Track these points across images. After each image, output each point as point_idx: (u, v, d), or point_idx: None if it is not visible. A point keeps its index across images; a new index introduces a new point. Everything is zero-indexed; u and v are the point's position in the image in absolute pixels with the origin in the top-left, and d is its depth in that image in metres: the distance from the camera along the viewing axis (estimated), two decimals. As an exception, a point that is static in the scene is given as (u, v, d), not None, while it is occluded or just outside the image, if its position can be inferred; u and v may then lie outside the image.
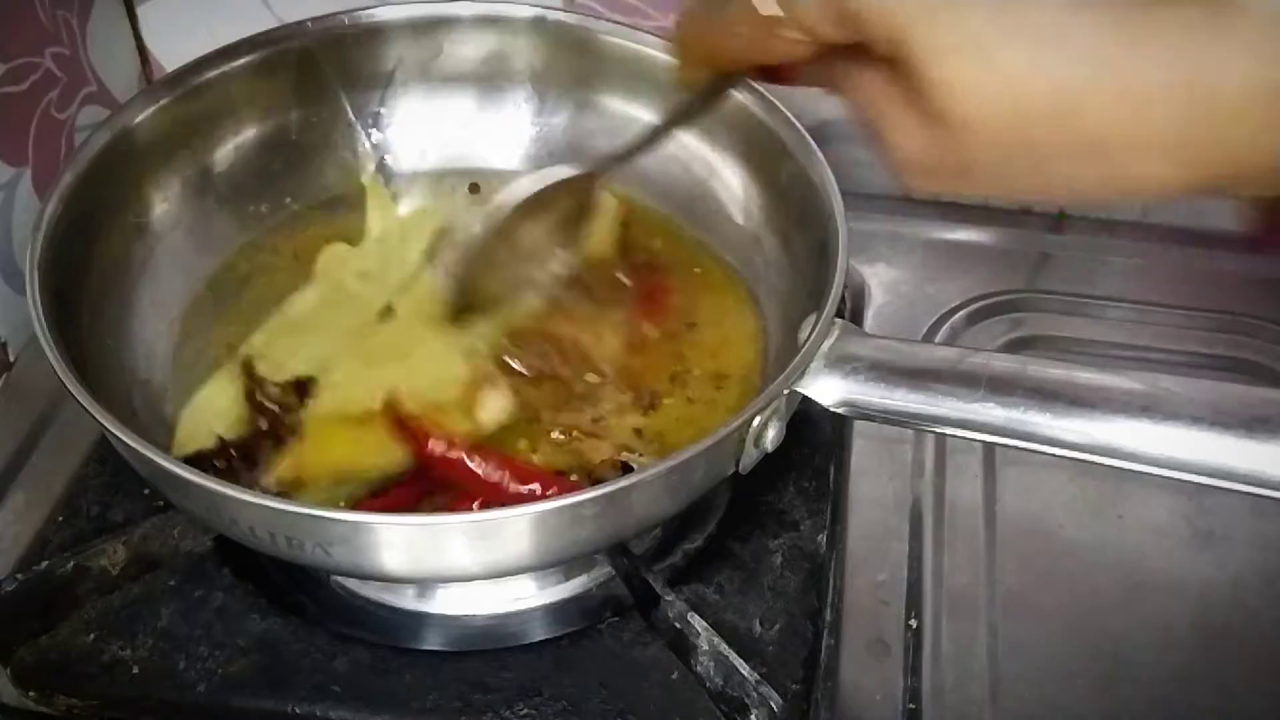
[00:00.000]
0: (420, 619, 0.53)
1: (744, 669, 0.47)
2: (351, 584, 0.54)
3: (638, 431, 0.54)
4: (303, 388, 0.53)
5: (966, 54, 0.31)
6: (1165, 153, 0.31)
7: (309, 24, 0.62)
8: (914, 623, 0.53)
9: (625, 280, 0.60)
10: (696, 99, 0.48)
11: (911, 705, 0.51)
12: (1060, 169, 0.33)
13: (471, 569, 0.45)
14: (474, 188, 0.66)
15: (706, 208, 0.63)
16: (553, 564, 0.52)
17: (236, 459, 0.51)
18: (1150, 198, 0.34)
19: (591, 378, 0.56)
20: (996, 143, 0.32)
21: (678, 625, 0.49)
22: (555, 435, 0.53)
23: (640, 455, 0.53)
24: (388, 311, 0.57)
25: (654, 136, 0.53)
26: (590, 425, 0.54)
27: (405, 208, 0.65)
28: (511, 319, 0.56)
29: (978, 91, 0.31)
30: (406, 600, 0.54)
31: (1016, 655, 0.52)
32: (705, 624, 0.49)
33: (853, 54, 0.35)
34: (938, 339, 0.65)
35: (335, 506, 0.49)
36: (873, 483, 0.59)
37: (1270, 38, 0.29)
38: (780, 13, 0.35)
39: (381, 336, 0.56)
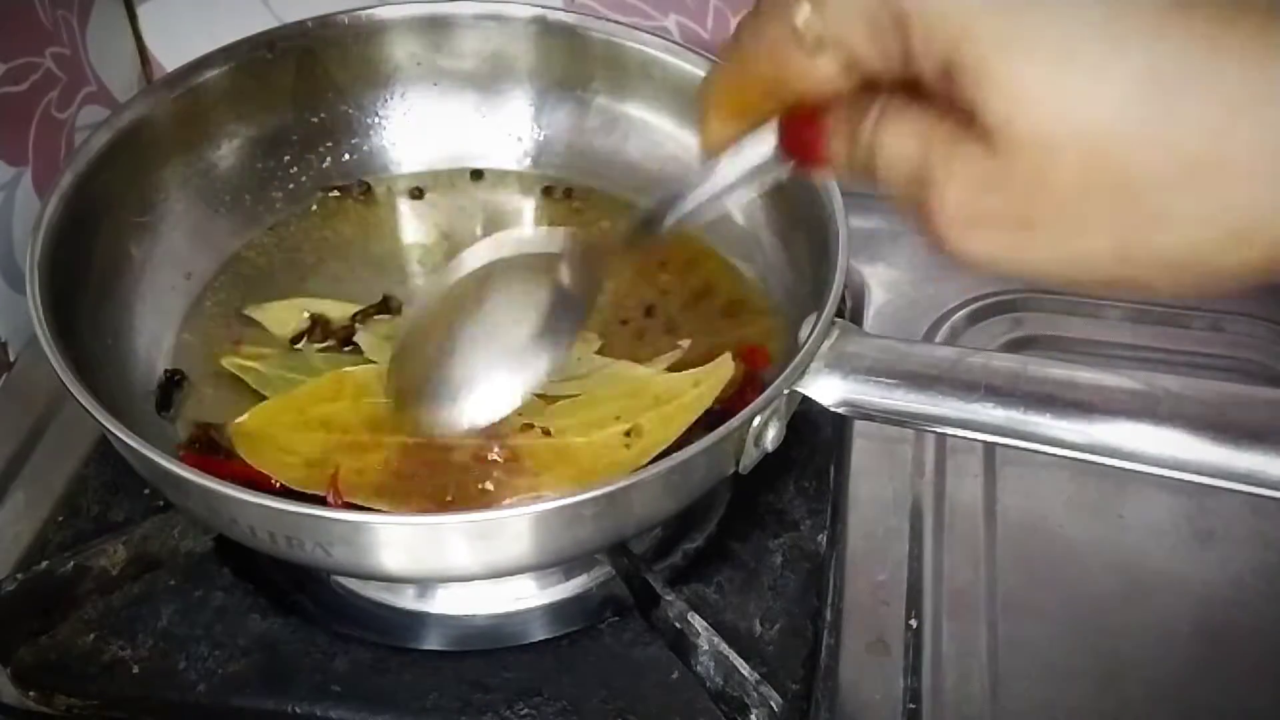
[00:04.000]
0: (420, 619, 0.53)
1: (744, 669, 0.47)
2: (351, 584, 0.54)
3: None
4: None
5: (1042, 52, 0.26)
6: (1250, 206, 0.26)
7: (309, 24, 0.62)
8: (914, 623, 0.53)
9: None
10: (723, 179, 0.38)
11: (911, 705, 0.50)
12: (1152, 210, 0.26)
13: (471, 569, 0.45)
14: (476, 174, 0.66)
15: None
16: (553, 564, 0.52)
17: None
18: (1260, 268, 0.27)
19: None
20: (1071, 173, 0.26)
21: (678, 625, 0.49)
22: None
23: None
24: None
25: (665, 219, 0.40)
26: None
27: (404, 208, 0.65)
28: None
29: (1053, 99, 0.26)
30: (406, 600, 0.54)
31: (1016, 655, 0.52)
32: (705, 624, 0.49)
33: (895, 94, 0.30)
34: (938, 339, 0.65)
35: (335, 507, 0.49)
36: (873, 483, 0.59)
37: None
38: (818, 27, 0.29)
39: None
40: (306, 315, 0.58)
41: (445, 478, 0.50)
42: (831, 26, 0.29)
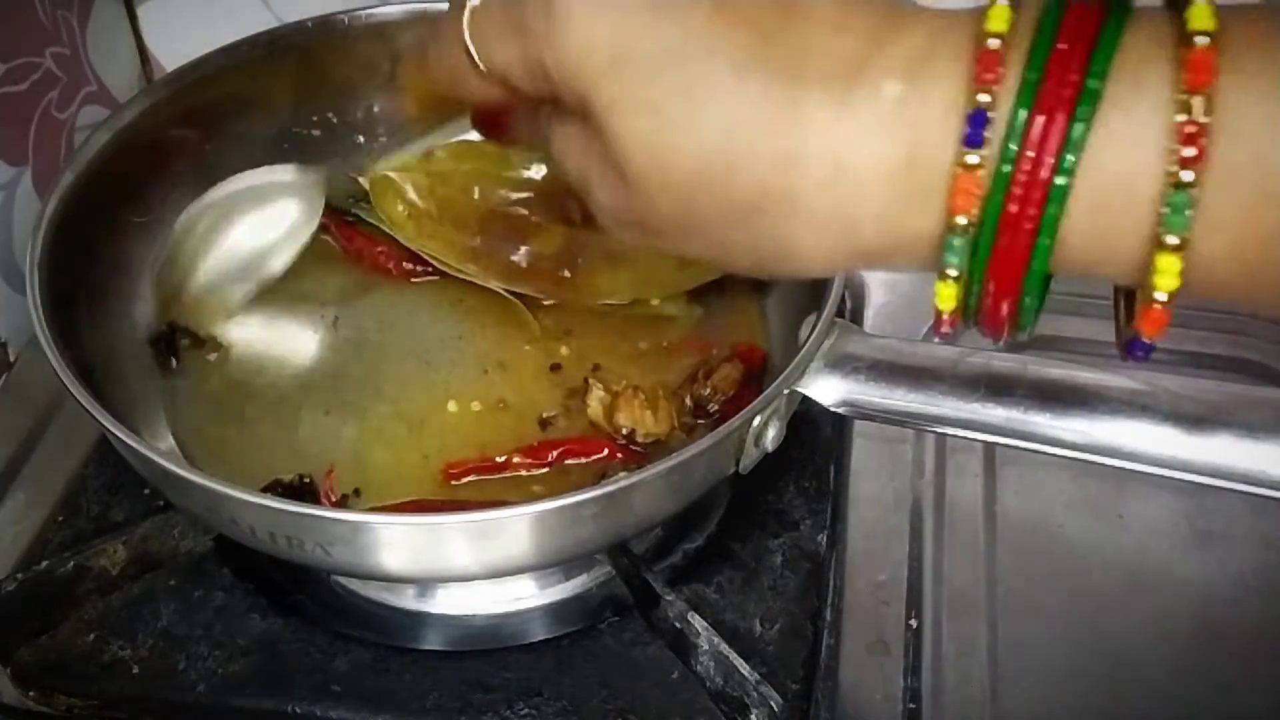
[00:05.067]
0: (420, 619, 0.53)
1: (744, 669, 0.47)
2: (351, 584, 0.54)
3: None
4: None
5: (637, 113, 0.32)
6: (814, 223, 0.32)
7: (309, 23, 0.62)
8: (914, 623, 0.53)
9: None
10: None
11: (911, 705, 0.50)
12: (726, 235, 0.33)
13: (471, 569, 0.45)
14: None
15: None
16: (553, 564, 0.52)
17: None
18: (816, 271, 0.34)
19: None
20: (670, 203, 0.33)
21: (678, 625, 0.49)
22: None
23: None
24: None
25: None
26: None
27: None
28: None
29: (646, 152, 0.32)
30: (406, 600, 0.54)
31: (1016, 655, 0.52)
32: (705, 624, 0.49)
33: (557, 108, 0.36)
34: (937, 339, 0.65)
35: (335, 507, 0.49)
36: (873, 483, 0.59)
37: (894, 118, 0.30)
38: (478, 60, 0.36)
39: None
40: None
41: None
42: (494, 64, 0.35)
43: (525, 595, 0.54)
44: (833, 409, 0.47)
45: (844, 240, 0.32)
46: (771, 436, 0.46)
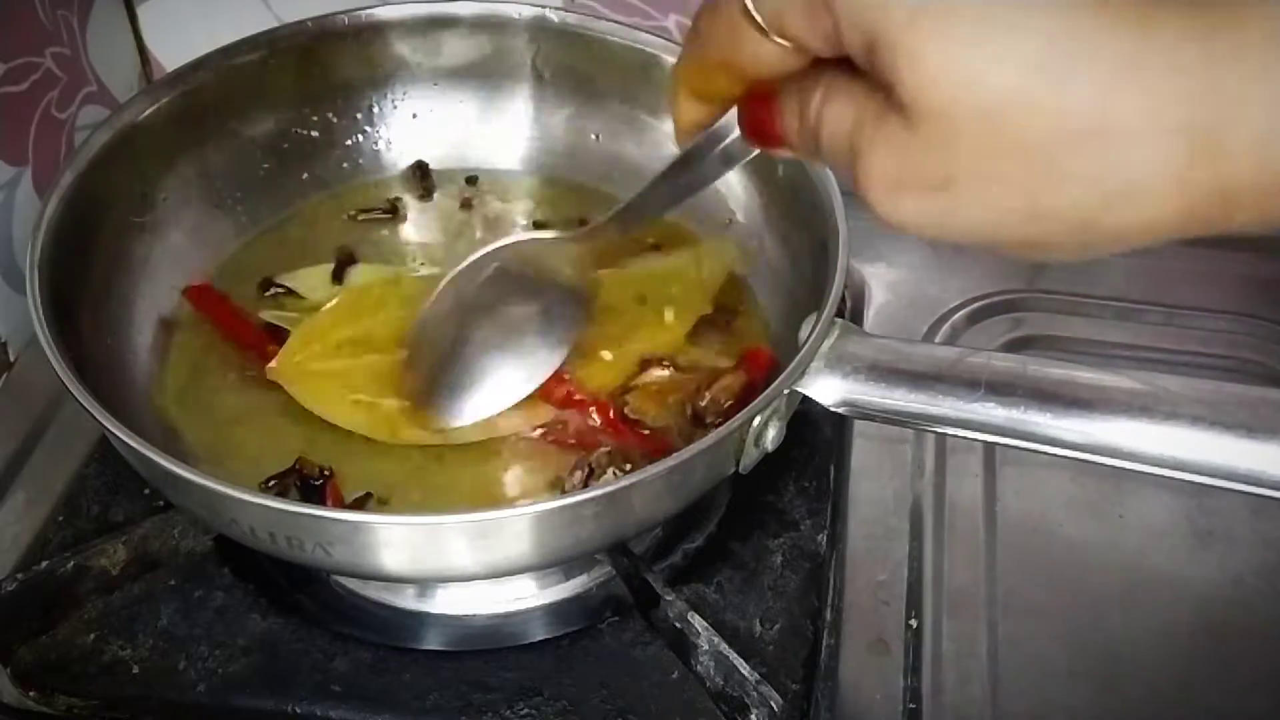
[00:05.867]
0: (420, 619, 0.53)
1: (744, 669, 0.47)
2: (351, 584, 0.54)
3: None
4: None
5: (948, 29, 0.28)
6: (1170, 145, 0.28)
7: (309, 23, 0.62)
8: (914, 623, 0.53)
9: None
10: (695, 163, 0.42)
11: (911, 705, 0.50)
12: (1048, 171, 0.29)
13: (471, 569, 0.45)
14: (471, 180, 0.66)
15: (707, 207, 0.63)
16: (553, 564, 0.52)
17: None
18: (1164, 221, 0.29)
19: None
20: (975, 139, 0.29)
21: (678, 625, 0.49)
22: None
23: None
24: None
25: (650, 204, 0.45)
26: None
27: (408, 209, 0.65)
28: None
29: (957, 73, 0.28)
30: (406, 600, 0.54)
31: (1016, 655, 0.52)
32: (705, 624, 0.49)
33: (837, 74, 0.33)
34: (938, 339, 0.65)
35: (335, 507, 0.49)
36: (873, 483, 0.59)
37: None
38: (763, 9, 0.33)
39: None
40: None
41: None
42: (770, 5, 0.32)
43: (525, 595, 0.54)
44: (833, 409, 0.47)
45: (1208, 166, 0.28)
46: (771, 436, 0.46)
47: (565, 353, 0.51)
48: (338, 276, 0.60)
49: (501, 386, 0.51)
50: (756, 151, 0.38)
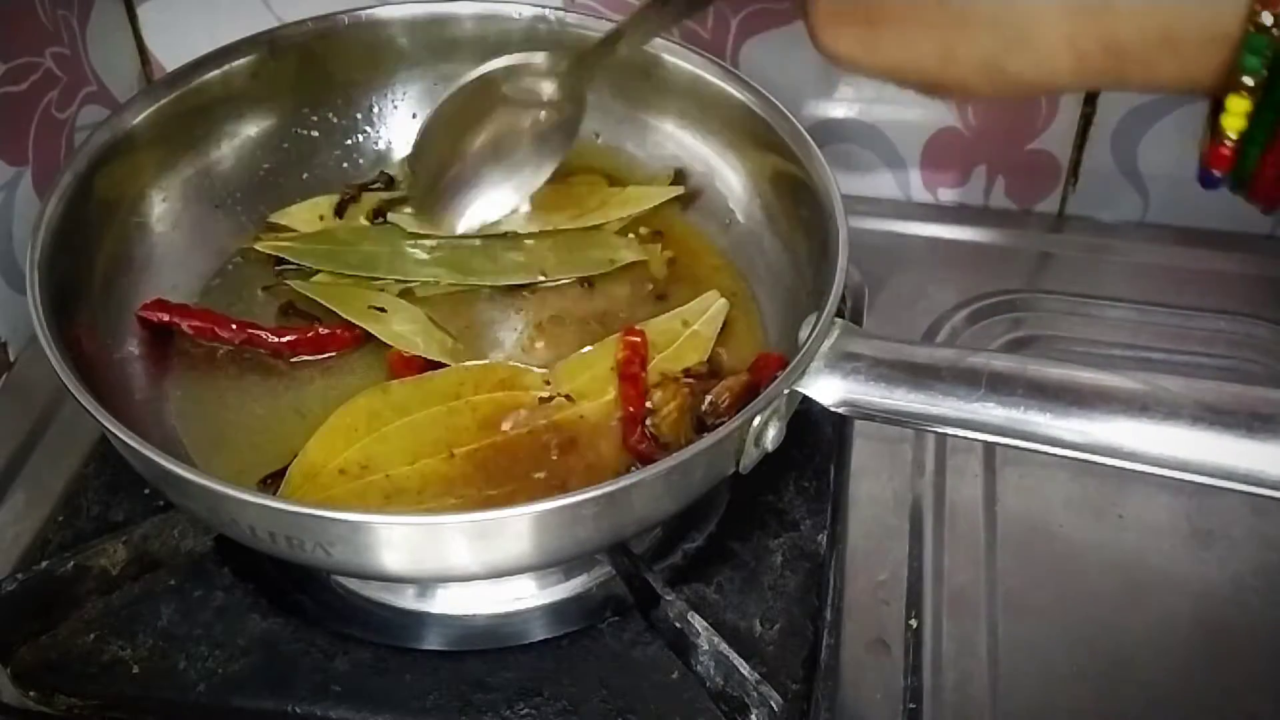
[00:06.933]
0: (420, 619, 0.53)
1: (744, 669, 0.47)
2: (351, 584, 0.54)
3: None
4: None
5: None
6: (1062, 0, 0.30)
7: (309, 23, 0.62)
8: (914, 622, 0.53)
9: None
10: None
11: (911, 705, 0.50)
12: (956, 11, 0.32)
13: (472, 569, 0.45)
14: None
15: (707, 208, 0.63)
16: (553, 564, 0.52)
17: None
18: (1056, 68, 0.32)
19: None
20: None
21: (678, 625, 0.49)
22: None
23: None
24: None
25: (637, 29, 0.51)
26: None
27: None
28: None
29: None
30: (406, 600, 0.54)
31: (1016, 655, 0.52)
32: (705, 624, 0.49)
33: None
34: (938, 339, 0.65)
35: (335, 507, 0.49)
36: (873, 483, 0.59)
37: None
38: None
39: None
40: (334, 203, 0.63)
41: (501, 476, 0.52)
42: None
43: (525, 595, 0.54)
44: (833, 409, 0.47)
45: (1099, 23, 0.30)
46: (771, 436, 0.46)
47: (551, 168, 0.56)
48: (340, 212, 0.62)
49: (494, 195, 0.55)
50: None
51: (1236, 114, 0.30)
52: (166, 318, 0.56)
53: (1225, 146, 0.31)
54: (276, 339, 0.56)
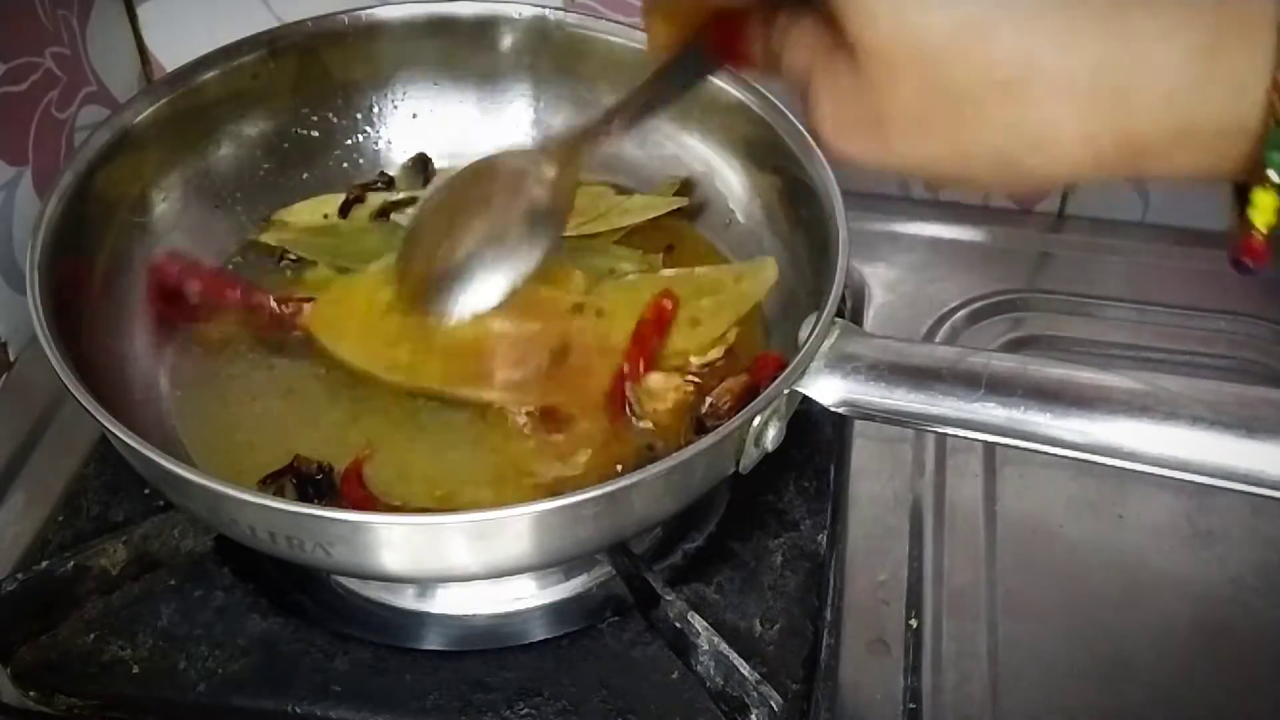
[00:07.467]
0: (420, 619, 0.53)
1: (744, 669, 0.47)
2: (351, 584, 0.54)
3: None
4: None
5: None
6: (1083, 98, 0.30)
7: (309, 23, 0.62)
8: (914, 623, 0.53)
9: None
10: (669, 78, 0.47)
11: (912, 705, 0.50)
12: (970, 115, 0.31)
13: (472, 569, 0.45)
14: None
15: (707, 207, 0.63)
16: (553, 564, 0.52)
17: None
18: (1077, 163, 0.32)
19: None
20: (912, 81, 0.31)
21: (678, 625, 0.49)
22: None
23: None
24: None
25: (627, 114, 0.49)
26: None
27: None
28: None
29: (895, 21, 0.31)
30: (406, 600, 0.54)
31: (1016, 655, 0.52)
32: (705, 623, 0.49)
33: (799, 7, 0.36)
34: (938, 339, 0.65)
35: (335, 507, 0.49)
36: (873, 483, 0.59)
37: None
38: None
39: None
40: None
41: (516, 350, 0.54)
42: None
43: (525, 595, 0.54)
44: (833, 409, 0.47)
45: (1115, 120, 0.30)
46: (771, 436, 0.46)
47: (539, 259, 0.53)
48: (344, 213, 0.62)
49: (484, 286, 0.54)
50: (722, 69, 0.43)
51: (1265, 209, 0.30)
52: (176, 271, 0.57)
53: (1256, 239, 0.31)
54: (281, 308, 0.57)
